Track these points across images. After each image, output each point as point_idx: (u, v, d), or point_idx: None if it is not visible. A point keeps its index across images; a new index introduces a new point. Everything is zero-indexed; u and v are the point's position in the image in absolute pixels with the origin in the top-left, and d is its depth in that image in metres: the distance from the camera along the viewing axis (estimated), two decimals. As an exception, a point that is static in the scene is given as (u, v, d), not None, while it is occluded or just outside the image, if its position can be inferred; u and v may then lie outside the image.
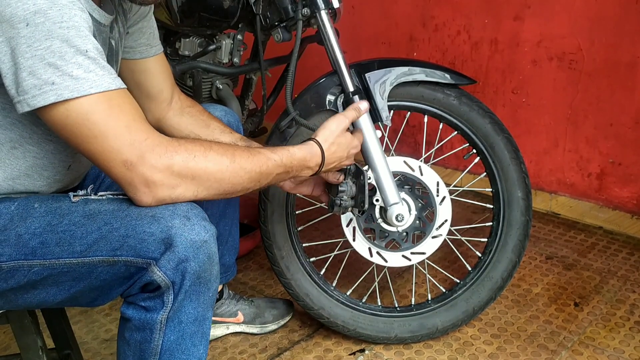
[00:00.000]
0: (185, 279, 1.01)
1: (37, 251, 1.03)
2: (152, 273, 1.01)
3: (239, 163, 1.08)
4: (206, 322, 1.10)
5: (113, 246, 1.01)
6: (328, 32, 1.47)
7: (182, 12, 1.72)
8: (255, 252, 2.20)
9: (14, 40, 0.92)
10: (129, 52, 1.33)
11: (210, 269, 1.04)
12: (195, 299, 1.05)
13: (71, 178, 1.24)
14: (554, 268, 2.05)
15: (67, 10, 0.94)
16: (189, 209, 1.03)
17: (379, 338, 1.68)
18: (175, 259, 1.00)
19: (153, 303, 1.04)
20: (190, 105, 1.45)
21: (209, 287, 1.06)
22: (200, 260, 1.01)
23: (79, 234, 1.03)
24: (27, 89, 0.93)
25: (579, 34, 2.16)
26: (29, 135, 1.09)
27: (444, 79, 1.58)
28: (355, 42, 2.69)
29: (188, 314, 1.05)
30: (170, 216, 1.01)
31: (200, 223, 1.02)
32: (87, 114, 0.95)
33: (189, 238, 1.00)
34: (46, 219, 1.05)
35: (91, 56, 0.95)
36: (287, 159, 1.17)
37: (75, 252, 1.03)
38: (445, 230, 1.59)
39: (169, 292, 1.02)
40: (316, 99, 1.56)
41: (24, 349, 1.23)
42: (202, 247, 1.01)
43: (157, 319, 1.04)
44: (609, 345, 1.67)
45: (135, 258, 1.01)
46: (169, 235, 0.99)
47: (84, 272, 1.04)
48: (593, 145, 2.25)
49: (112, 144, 0.97)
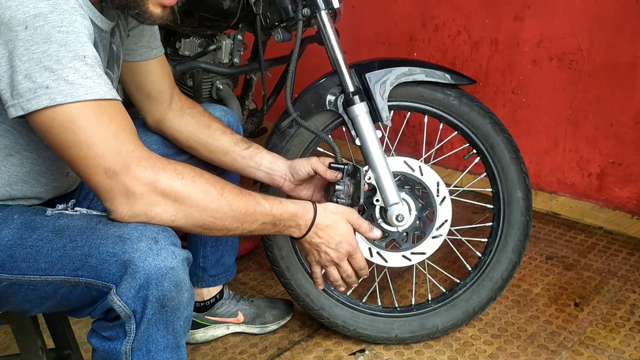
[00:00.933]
0: (147, 308, 0.95)
1: (5, 265, 0.99)
2: (112, 302, 0.95)
3: (226, 198, 1.03)
4: (180, 350, 1.03)
5: (75, 265, 0.96)
6: (328, 32, 1.47)
7: (183, 12, 1.72)
8: (255, 252, 2.20)
9: (11, 43, 0.90)
10: (129, 54, 1.32)
11: (177, 297, 0.97)
12: (163, 328, 0.98)
13: (69, 184, 1.23)
14: (554, 268, 2.05)
15: (68, 15, 0.92)
16: (159, 230, 0.97)
17: (379, 338, 1.68)
18: (135, 285, 0.94)
19: (115, 332, 0.98)
20: (190, 106, 1.44)
21: (179, 316, 0.99)
22: (164, 288, 0.95)
23: (45, 251, 0.98)
24: (22, 92, 0.90)
25: (579, 34, 2.16)
26: (26, 142, 1.07)
27: (444, 79, 1.58)
28: (355, 42, 2.69)
29: (157, 342, 0.99)
30: (138, 238, 0.95)
31: (169, 248, 0.96)
32: (75, 118, 0.91)
33: (153, 264, 0.94)
34: (19, 232, 1.01)
35: (89, 63, 0.93)
36: (277, 209, 1.11)
37: (39, 270, 0.98)
38: (445, 230, 1.59)
39: (130, 322, 0.96)
40: (316, 99, 1.56)
41: (24, 349, 1.23)
42: (167, 274, 0.94)
43: (120, 350, 0.98)
44: (609, 345, 1.67)
45: (95, 280, 0.96)
46: (132, 258, 0.93)
47: (49, 291, 1.00)
48: (593, 146, 2.25)
49: (96, 151, 0.93)
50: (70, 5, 0.93)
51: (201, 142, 1.41)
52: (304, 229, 1.17)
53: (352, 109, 1.50)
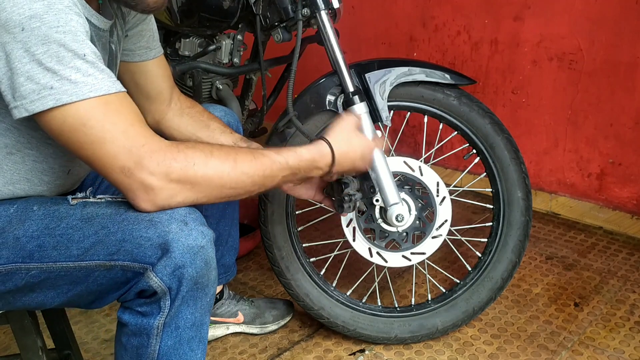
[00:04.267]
0: (182, 285, 1.00)
1: (34, 254, 1.02)
2: (149, 279, 0.99)
3: (241, 168, 1.06)
4: (204, 327, 1.08)
5: (110, 250, 1.00)
6: (328, 33, 1.47)
7: (182, 12, 1.72)
8: (255, 253, 2.20)
9: (9, 45, 0.91)
10: (128, 54, 1.32)
11: (207, 274, 1.03)
12: (193, 305, 1.03)
13: (72, 182, 1.23)
14: (554, 268, 2.05)
15: (64, 15, 0.93)
16: (187, 213, 1.02)
17: (379, 338, 1.68)
18: (171, 264, 0.98)
19: (150, 308, 1.03)
20: (190, 106, 1.45)
21: (207, 293, 1.05)
22: (197, 265, 1.00)
23: (76, 238, 1.02)
24: (25, 94, 0.92)
25: (579, 34, 2.16)
26: (27, 140, 1.08)
27: (444, 79, 1.58)
28: (355, 42, 2.70)
29: (185, 319, 1.04)
30: (168, 221, 0.99)
31: (198, 228, 1.01)
32: (84, 119, 0.94)
33: (186, 243, 0.99)
34: (44, 222, 1.04)
35: (89, 60, 0.94)
36: (294, 160, 1.15)
37: (72, 256, 1.02)
38: (445, 230, 1.59)
39: (166, 298, 1.01)
40: (316, 99, 1.56)
41: (24, 349, 1.23)
42: (199, 252, 1.00)
43: (153, 325, 1.03)
44: (609, 345, 1.67)
45: (131, 263, 1.00)
46: (166, 240, 0.98)
47: (81, 276, 1.03)
48: (593, 146, 2.25)
49: (109, 150, 0.96)
50: (65, 4, 0.93)
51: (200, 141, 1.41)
52: (326, 168, 1.22)
53: (352, 109, 1.50)
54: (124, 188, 0.99)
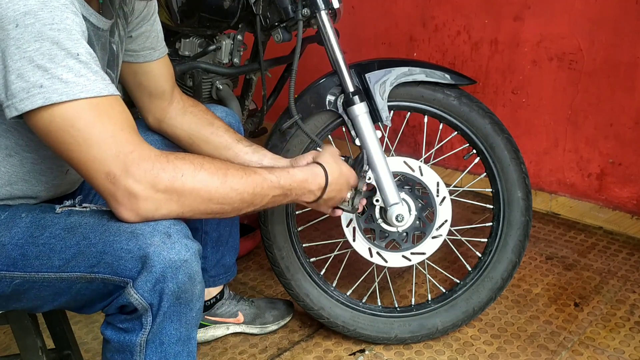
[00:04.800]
0: (163, 301, 0.97)
1: (17, 263, 1.00)
2: (129, 295, 0.96)
3: (230, 184, 1.02)
4: (191, 342, 1.05)
5: (90, 262, 0.97)
6: (328, 33, 1.47)
7: (182, 12, 1.72)
8: (255, 253, 2.20)
9: (3, 42, 0.88)
10: (132, 55, 1.31)
11: (191, 289, 0.99)
12: (177, 320, 1.00)
13: (70, 182, 1.22)
14: (554, 268, 2.05)
15: (59, 12, 0.90)
16: (170, 224, 0.98)
17: (379, 338, 1.68)
18: (152, 279, 0.95)
19: (131, 325, 1.00)
20: (193, 104, 1.44)
21: (191, 308, 1.01)
22: (179, 280, 0.96)
23: (58, 248, 0.98)
24: (16, 92, 0.88)
25: (579, 34, 2.16)
26: (25, 143, 1.06)
27: (444, 79, 1.58)
28: (355, 42, 2.70)
29: (170, 335, 1.01)
30: (150, 233, 0.96)
31: (182, 241, 0.97)
32: (73, 120, 0.90)
33: (167, 257, 0.95)
34: (29, 230, 1.01)
35: (83, 60, 0.91)
36: (286, 180, 1.12)
37: (53, 267, 0.99)
38: (445, 230, 1.59)
39: (147, 314, 0.98)
40: (316, 99, 1.56)
41: (24, 349, 1.22)
42: (182, 266, 0.96)
43: (136, 342, 1.00)
44: (609, 345, 1.67)
45: (111, 276, 0.97)
46: (147, 253, 0.94)
47: (64, 287, 1.01)
48: (593, 146, 2.25)
49: (95, 154, 0.92)
50: (61, 2, 0.91)
51: (204, 138, 1.41)
52: (318, 192, 1.20)
53: (352, 109, 1.50)
54: (108, 195, 0.95)
